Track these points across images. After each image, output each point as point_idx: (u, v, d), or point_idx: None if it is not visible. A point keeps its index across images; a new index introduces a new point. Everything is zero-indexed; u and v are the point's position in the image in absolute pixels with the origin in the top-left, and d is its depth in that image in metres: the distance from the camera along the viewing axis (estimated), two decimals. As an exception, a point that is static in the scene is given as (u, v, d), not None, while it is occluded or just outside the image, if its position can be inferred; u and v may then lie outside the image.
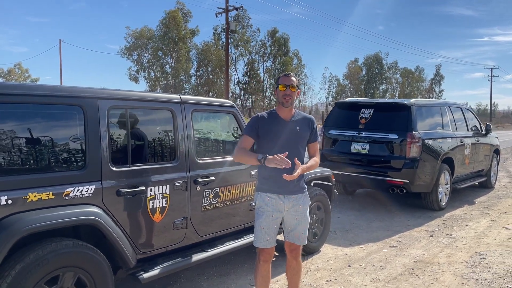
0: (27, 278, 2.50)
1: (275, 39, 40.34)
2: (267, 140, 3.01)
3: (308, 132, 3.10)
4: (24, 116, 2.68)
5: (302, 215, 3.07)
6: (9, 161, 2.58)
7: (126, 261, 3.04)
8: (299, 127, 3.05)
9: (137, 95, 3.32)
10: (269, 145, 3.00)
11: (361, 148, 6.91)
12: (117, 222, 3.01)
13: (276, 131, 3.01)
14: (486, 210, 7.01)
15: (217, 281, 4.00)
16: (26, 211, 2.57)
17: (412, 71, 59.48)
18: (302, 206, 3.07)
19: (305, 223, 3.10)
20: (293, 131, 3.02)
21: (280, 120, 3.04)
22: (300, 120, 3.08)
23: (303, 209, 3.07)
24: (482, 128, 8.80)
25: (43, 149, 2.73)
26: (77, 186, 2.81)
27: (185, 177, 3.49)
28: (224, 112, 4.07)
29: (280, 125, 3.02)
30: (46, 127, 2.79)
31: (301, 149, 3.06)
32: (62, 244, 2.68)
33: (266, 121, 3.04)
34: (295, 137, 3.03)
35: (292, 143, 3.00)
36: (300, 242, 3.11)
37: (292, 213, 3.04)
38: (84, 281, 2.80)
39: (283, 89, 2.99)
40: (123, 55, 36.80)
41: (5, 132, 2.58)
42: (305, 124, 3.09)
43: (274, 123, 3.03)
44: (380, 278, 4.07)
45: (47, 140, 2.75)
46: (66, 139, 2.85)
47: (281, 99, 3.02)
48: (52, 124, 2.83)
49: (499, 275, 4.12)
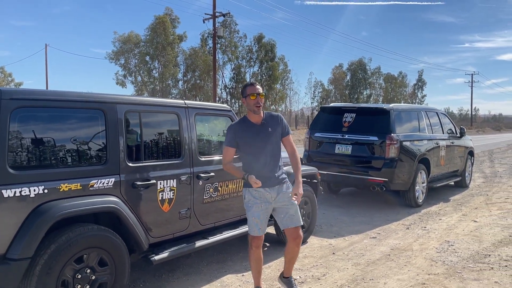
0: (60, 256, 2.94)
1: (261, 44, 40.91)
2: (246, 146, 3.44)
3: (279, 128, 3.50)
4: (57, 118, 3.14)
5: (288, 199, 3.44)
6: (44, 157, 3.03)
7: (140, 244, 3.50)
8: (270, 127, 3.45)
9: (148, 101, 3.82)
10: (248, 150, 3.43)
11: (344, 149, 7.46)
12: (132, 210, 3.47)
13: (252, 136, 3.41)
14: (459, 206, 7.62)
15: (216, 266, 4.47)
16: (58, 199, 3.02)
17: (395, 77, 60.78)
18: (285, 192, 3.45)
19: (294, 206, 3.44)
20: (266, 132, 3.43)
21: (253, 125, 3.44)
22: (269, 120, 3.48)
23: (287, 194, 3.45)
24: (457, 131, 9.44)
25: (72, 147, 3.19)
26: (100, 179, 3.27)
27: (189, 172, 3.97)
28: (222, 116, 4.56)
29: (254, 130, 3.42)
30: (74, 128, 3.25)
31: (276, 146, 3.47)
32: (88, 228, 3.13)
33: (241, 129, 3.45)
34: (269, 137, 3.44)
35: (268, 143, 3.43)
36: (295, 223, 3.43)
37: (279, 201, 3.44)
38: (106, 261, 3.25)
39: (254, 98, 3.32)
40: (111, 60, 37.03)
41: (40, 133, 3.03)
42: (275, 122, 3.49)
43: (248, 129, 3.43)
44: (360, 263, 4.59)
45: (75, 139, 3.21)
46: (91, 138, 3.31)
47: (252, 107, 3.36)
48: (79, 125, 3.29)
49: (463, 257, 4.69)
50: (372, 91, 58.80)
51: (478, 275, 4.15)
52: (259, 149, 3.39)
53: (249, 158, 3.43)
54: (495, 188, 9.55)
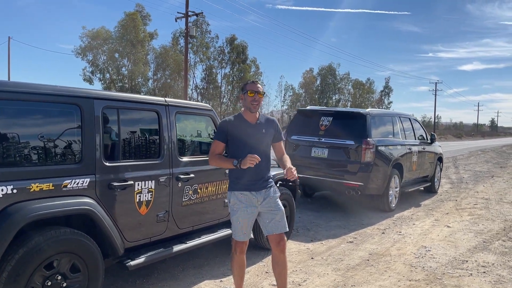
0: (29, 262, 2.71)
1: (233, 46, 40.81)
2: (237, 143, 3.30)
3: (273, 132, 3.42)
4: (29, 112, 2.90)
5: (275, 205, 3.33)
6: (14, 154, 2.78)
7: (116, 249, 3.29)
8: (265, 129, 3.36)
9: (127, 97, 3.61)
10: (238, 147, 3.29)
11: (320, 153, 7.42)
12: (108, 213, 3.26)
13: (244, 134, 3.29)
14: (430, 211, 7.73)
15: (192, 272, 4.30)
16: (29, 200, 2.78)
17: (363, 83, 62.00)
18: (273, 196, 3.34)
19: (280, 211, 3.33)
20: (260, 133, 3.33)
21: (247, 124, 3.33)
22: (264, 122, 3.39)
23: (274, 199, 3.34)
24: (428, 137, 9.63)
25: (45, 144, 2.95)
26: (74, 179, 3.05)
27: (168, 173, 3.79)
28: (203, 115, 4.40)
29: (248, 128, 3.31)
30: (47, 124, 3.02)
31: (267, 148, 3.38)
32: (60, 232, 2.91)
33: (234, 125, 3.32)
34: (261, 139, 3.34)
35: (259, 144, 3.32)
36: (281, 229, 3.30)
37: (266, 206, 3.31)
38: (78, 266, 3.03)
39: (252, 95, 3.24)
40: (78, 55, 35.84)
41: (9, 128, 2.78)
42: (270, 126, 3.41)
43: (241, 126, 3.31)
44: (340, 268, 4.53)
45: (48, 135, 2.97)
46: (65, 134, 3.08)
47: (249, 104, 3.26)
48: (53, 121, 3.06)
49: (442, 263, 4.71)
50: (341, 96, 59.76)
51: (458, 282, 4.16)
52: (251, 149, 3.24)
53: (239, 156, 3.23)
54: (462, 194, 9.79)
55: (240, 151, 3.26)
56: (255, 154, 3.16)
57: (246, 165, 3.09)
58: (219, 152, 3.34)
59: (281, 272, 3.34)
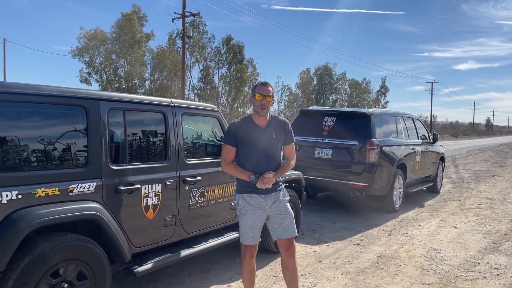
0: (35, 270, 2.60)
1: (230, 46, 40.67)
2: (246, 147, 3.18)
3: (283, 135, 3.30)
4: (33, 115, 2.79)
5: (284, 209, 3.22)
6: (18, 158, 2.67)
7: (123, 255, 3.18)
8: (275, 132, 3.23)
9: (134, 98, 3.50)
10: (247, 152, 3.18)
11: (324, 153, 7.33)
12: (115, 218, 3.15)
13: (253, 138, 3.16)
14: (435, 212, 7.66)
15: (199, 277, 4.20)
16: (34, 205, 2.67)
17: (359, 83, 62.05)
18: (282, 200, 3.24)
19: (290, 216, 3.23)
20: (269, 137, 3.21)
21: (257, 127, 3.20)
22: (275, 125, 3.26)
23: (283, 203, 3.24)
24: (430, 137, 9.56)
25: (50, 147, 2.84)
26: (80, 183, 2.94)
27: (175, 176, 3.68)
28: (209, 116, 4.29)
29: (257, 132, 3.18)
30: (53, 126, 2.91)
31: (276, 153, 3.27)
32: (66, 238, 2.79)
33: (243, 128, 3.19)
34: (271, 143, 3.22)
35: (269, 148, 3.20)
36: (290, 234, 3.21)
37: (275, 209, 3.21)
38: (85, 274, 2.92)
39: (260, 99, 3.11)
40: (74, 56, 35.62)
41: (14, 131, 2.67)
42: (281, 129, 3.28)
43: (251, 130, 3.18)
44: (349, 271, 4.44)
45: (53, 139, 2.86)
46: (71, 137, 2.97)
47: (256, 108, 3.13)
48: (58, 123, 2.94)
49: (454, 266, 4.63)
50: (337, 96, 59.78)
51: (472, 285, 4.08)
52: (260, 153, 3.15)
53: (247, 161, 3.17)
54: (465, 193, 9.73)
55: (249, 156, 3.16)
56: (264, 158, 3.09)
57: (262, 186, 3.06)
58: (231, 158, 3.22)
59: (291, 277, 3.26)
